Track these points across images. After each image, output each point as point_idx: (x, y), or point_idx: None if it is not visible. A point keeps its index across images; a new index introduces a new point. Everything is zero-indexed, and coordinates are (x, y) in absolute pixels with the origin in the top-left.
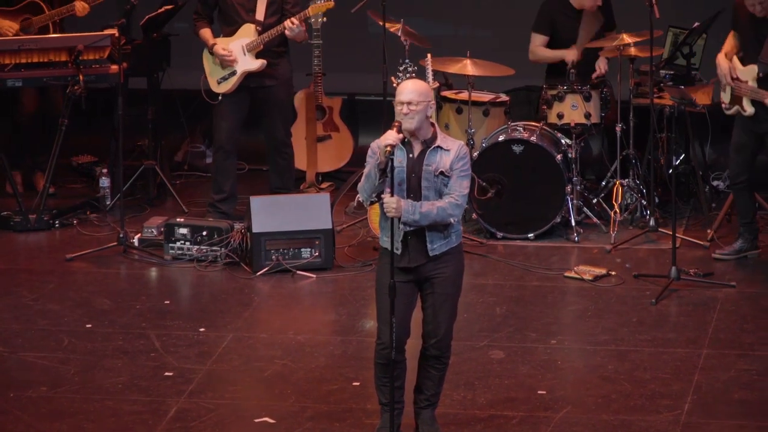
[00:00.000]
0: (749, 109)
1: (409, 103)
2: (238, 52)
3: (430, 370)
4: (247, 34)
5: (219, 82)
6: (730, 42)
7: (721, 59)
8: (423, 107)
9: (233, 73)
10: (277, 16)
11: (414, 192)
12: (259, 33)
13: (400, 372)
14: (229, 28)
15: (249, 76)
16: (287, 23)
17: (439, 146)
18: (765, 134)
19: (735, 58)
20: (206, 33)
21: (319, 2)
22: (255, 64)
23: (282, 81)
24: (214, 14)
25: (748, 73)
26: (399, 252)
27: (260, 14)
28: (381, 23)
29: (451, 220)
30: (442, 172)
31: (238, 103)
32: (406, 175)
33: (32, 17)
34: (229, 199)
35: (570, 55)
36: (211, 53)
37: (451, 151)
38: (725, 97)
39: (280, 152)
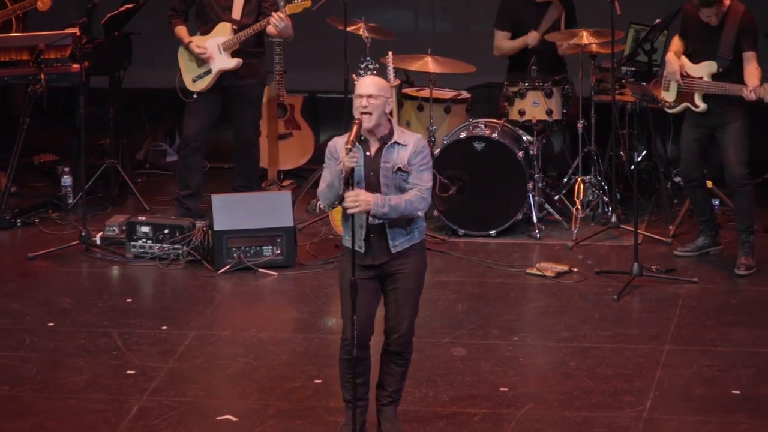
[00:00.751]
0: (702, 105)
1: (369, 96)
2: (213, 51)
3: (393, 366)
4: (222, 32)
5: (194, 80)
6: (677, 43)
7: (671, 57)
8: (381, 102)
9: (209, 71)
10: (253, 16)
11: (373, 190)
12: (235, 32)
13: (364, 369)
14: (204, 26)
15: (224, 74)
16: (273, 18)
17: (396, 142)
18: (716, 129)
19: (683, 57)
20: (182, 31)
21: (296, 1)
22: (231, 62)
23: (257, 80)
24: (190, 12)
25: (703, 69)
26: (362, 250)
27: (236, 13)
28: (341, 28)
29: (419, 213)
30: (399, 168)
31: (212, 102)
32: (365, 174)
33: None
34: (194, 196)
35: (531, 38)
36: (187, 50)
37: (408, 146)
38: (668, 96)
39: (247, 151)
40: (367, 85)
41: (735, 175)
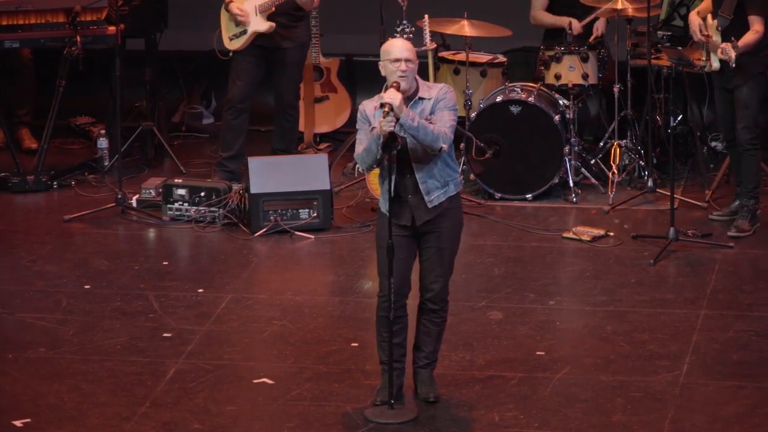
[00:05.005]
0: (714, 64)
1: (407, 60)
2: (250, 12)
3: (428, 325)
4: None
5: (231, 39)
6: (706, 1)
7: (692, 16)
8: (415, 65)
9: (244, 32)
10: None
11: (402, 148)
12: None
13: (401, 328)
14: None
15: (264, 37)
16: None
17: (420, 97)
18: (734, 89)
19: (708, 16)
20: None
21: None
22: (264, 25)
23: (298, 44)
24: None
25: (712, 28)
26: (388, 210)
27: None
28: None
29: (442, 145)
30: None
31: (255, 63)
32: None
33: None
34: (237, 157)
35: (572, 26)
36: (227, 10)
37: (432, 99)
38: (704, 54)
39: (286, 114)
40: (403, 48)
41: (739, 140)
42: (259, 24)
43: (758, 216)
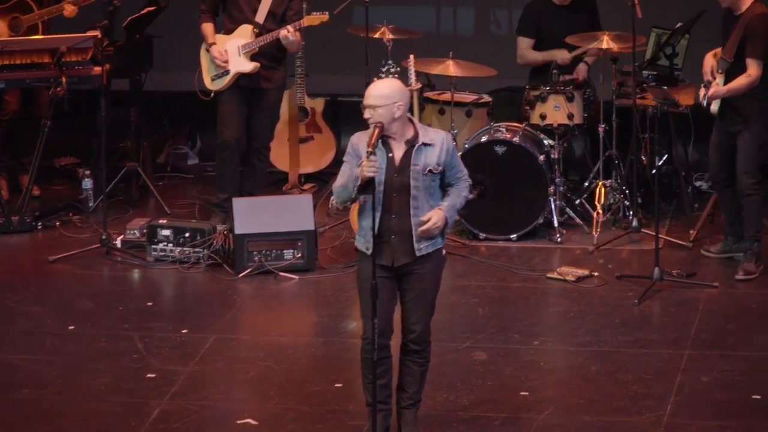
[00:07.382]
0: (714, 107)
1: (372, 107)
2: (233, 53)
3: (411, 366)
4: (243, 34)
5: (213, 80)
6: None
7: (707, 57)
8: (387, 110)
9: (226, 72)
10: (277, 22)
11: (397, 191)
12: (256, 35)
13: (386, 369)
14: (230, 26)
15: (246, 77)
16: (283, 31)
17: (423, 143)
18: (736, 134)
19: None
20: (208, 28)
21: (314, 14)
22: (248, 66)
23: (277, 86)
24: (219, 8)
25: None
26: (369, 252)
27: (261, 17)
28: (362, 35)
29: (470, 195)
30: (430, 170)
31: (239, 103)
32: (386, 177)
33: (21, 16)
34: (230, 199)
35: (561, 58)
36: (208, 51)
37: (436, 146)
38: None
39: (259, 155)
40: (370, 95)
41: (740, 185)
42: (243, 64)
43: (761, 257)
